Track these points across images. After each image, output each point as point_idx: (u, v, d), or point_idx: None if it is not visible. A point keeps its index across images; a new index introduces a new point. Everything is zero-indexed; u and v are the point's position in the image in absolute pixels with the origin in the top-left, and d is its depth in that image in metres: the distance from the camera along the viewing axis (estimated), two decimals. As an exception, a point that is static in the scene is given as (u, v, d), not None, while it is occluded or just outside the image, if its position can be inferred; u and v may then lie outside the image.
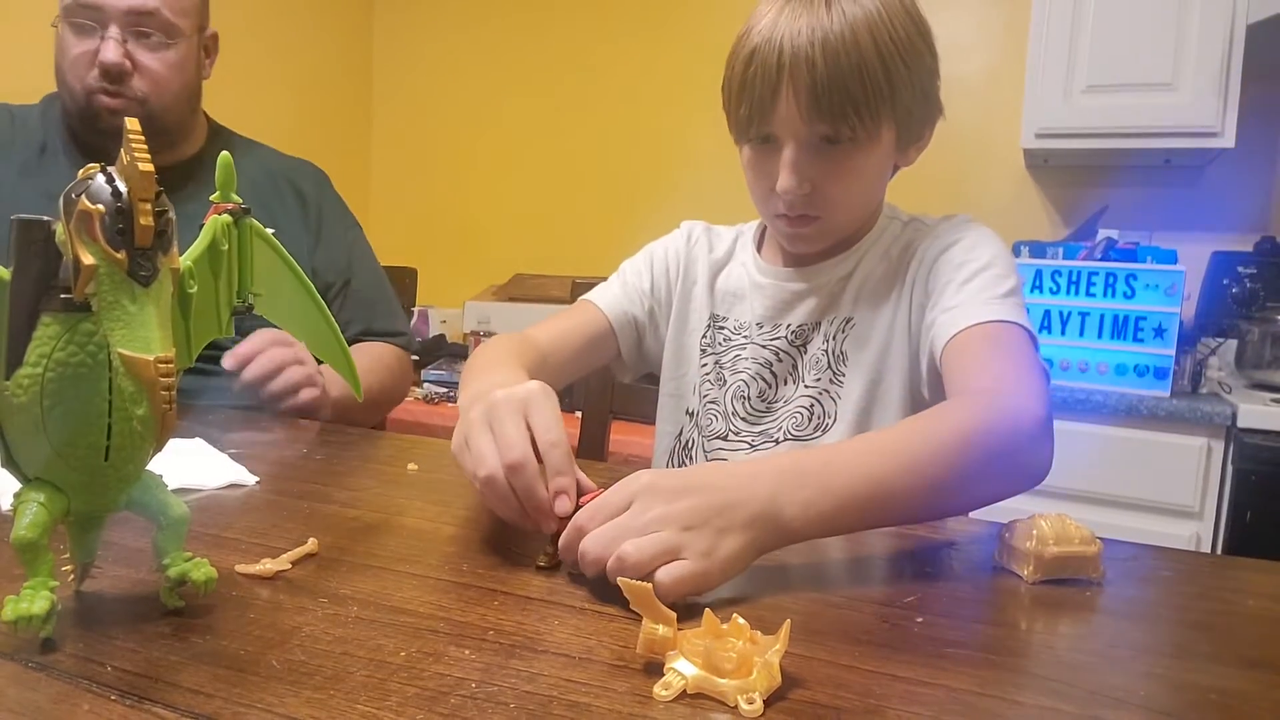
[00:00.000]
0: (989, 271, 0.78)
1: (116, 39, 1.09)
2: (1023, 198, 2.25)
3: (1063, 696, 0.39)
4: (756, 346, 0.89)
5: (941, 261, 0.81)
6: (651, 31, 2.62)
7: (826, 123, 0.74)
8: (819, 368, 0.85)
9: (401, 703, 0.35)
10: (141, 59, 1.11)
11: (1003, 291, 0.76)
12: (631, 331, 0.95)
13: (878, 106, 0.74)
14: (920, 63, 0.76)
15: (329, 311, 0.60)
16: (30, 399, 0.37)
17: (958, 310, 0.75)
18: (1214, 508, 1.64)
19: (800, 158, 0.76)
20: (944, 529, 0.66)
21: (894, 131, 0.78)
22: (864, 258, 0.86)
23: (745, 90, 0.76)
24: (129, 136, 0.37)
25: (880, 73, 0.73)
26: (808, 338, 0.87)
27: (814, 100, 0.73)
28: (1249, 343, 1.83)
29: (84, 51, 1.09)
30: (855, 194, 0.81)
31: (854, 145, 0.76)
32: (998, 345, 0.72)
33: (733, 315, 0.92)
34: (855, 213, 0.84)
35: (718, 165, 0.85)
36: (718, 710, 0.36)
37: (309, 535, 0.53)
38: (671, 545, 0.47)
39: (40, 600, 0.37)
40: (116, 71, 1.09)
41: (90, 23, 1.09)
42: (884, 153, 0.79)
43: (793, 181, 0.76)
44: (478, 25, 2.87)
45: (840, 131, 0.74)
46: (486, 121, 2.87)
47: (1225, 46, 1.79)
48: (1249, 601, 0.53)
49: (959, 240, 0.82)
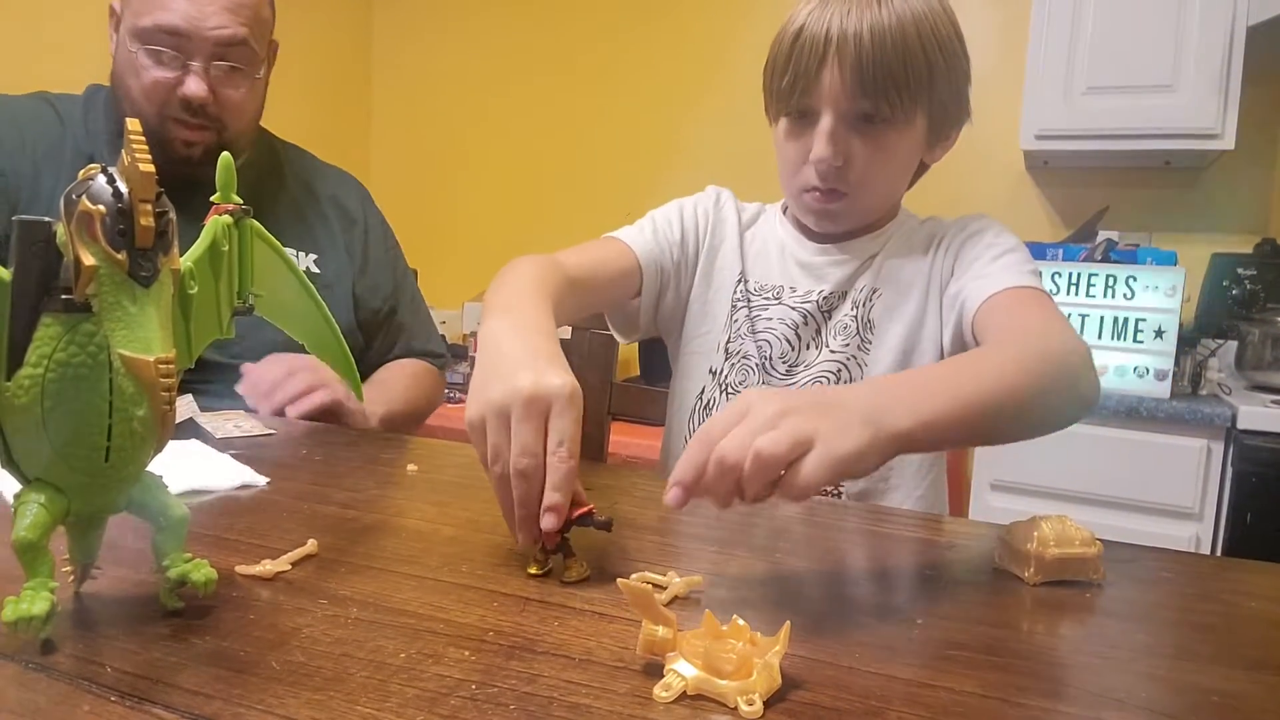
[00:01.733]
0: (1014, 254, 0.83)
1: (201, 72, 1.03)
2: (1022, 199, 2.26)
3: (1064, 698, 0.39)
4: (785, 308, 0.90)
5: (969, 243, 0.85)
6: (652, 33, 2.62)
7: (869, 98, 0.77)
8: (847, 333, 0.87)
9: (401, 704, 0.35)
10: (223, 89, 1.06)
11: (1029, 269, 0.81)
12: (656, 280, 0.93)
13: (916, 91, 0.78)
14: (957, 63, 0.81)
15: (329, 312, 0.60)
16: (31, 400, 0.37)
17: (989, 278, 0.79)
18: (1214, 509, 1.64)
19: (838, 129, 0.79)
20: (944, 529, 0.66)
21: (927, 122, 0.82)
22: (889, 241, 0.89)
23: (791, 62, 0.79)
24: (129, 137, 0.37)
25: (922, 60, 0.77)
26: (835, 304, 0.89)
27: (858, 75, 0.76)
28: (1249, 344, 1.83)
29: (163, 80, 1.03)
30: (884, 176, 0.83)
31: (889, 126, 0.79)
32: (1032, 303, 0.76)
33: (756, 276, 0.93)
34: (880, 197, 0.86)
35: (719, 166, 0.85)
36: (718, 712, 0.36)
37: (309, 536, 0.53)
38: (804, 434, 0.46)
39: (40, 601, 0.37)
40: (200, 105, 1.04)
41: (171, 51, 1.02)
42: (915, 140, 0.83)
43: (829, 151, 0.79)
44: (478, 26, 2.87)
45: (879, 109, 0.78)
46: (487, 122, 2.87)
47: (1225, 48, 1.80)
48: (1250, 603, 0.53)
49: (985, 229, 0.86)
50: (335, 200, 1.25)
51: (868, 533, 0.65)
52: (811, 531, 0.66)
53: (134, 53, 1.03)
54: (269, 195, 1.18)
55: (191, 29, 1.01)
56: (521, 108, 2.83)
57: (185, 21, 1.01)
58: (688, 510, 0.70)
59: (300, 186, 1.22)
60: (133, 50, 1.03)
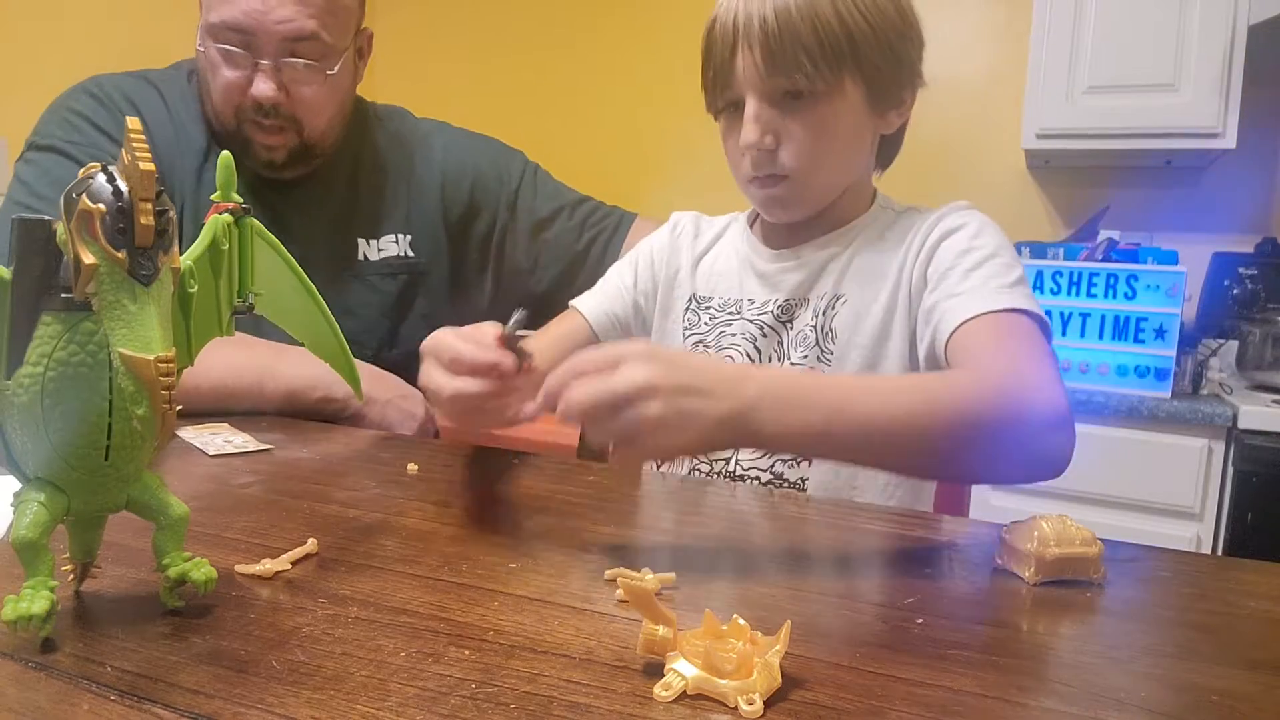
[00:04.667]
0: (995, 260, 0.76)
1: (270, 70, 0.98)
2: (1023, 198, 2.25)
3: (1064, 698, 0.39)
4: (745, 322, 0.87)
5: (944, 248, 0.79)
6: (652, 32, 2.62)
7: (783, 74, 0.75)
8: (806, 344, 0.83)
9: (401, 703, 0.35)
10: (297, 87, 1.01)
11: (1011, 280, 0.74)
12: (614, 331, 0.95)
13: (836, 58, 0.74)
14: (885, 20, 0.76)
15: (329, 312, 0.60)
16: (31, 398, 0.37)
17: (964, 297, 0.73)
18: (1215, 509, 1.64)
19: (761, 111, 0.76)
20: (944, 529, 0.66)
21: (861, 88, 0.77)
22: (856, 239, 0.85)
23: (710, 58, 0.79)
24: (130, 136, 0.37)
25: (836, 25, 0.74)
26: (794, 313, 0.85)
27: (768, 53, 0.74)
28: (1250, 344, 1.83)
29: (235, 79, 0.99)
30: (822, 152, 0.79)
31: (816, 100, 0.76)
32: (1009, 334, 0.70)
33: (718, 294, 0.91)
34: (829, 174, 0.81)
35: (721, 166, 0.85)
36: (718, 711, 0.36)
37: (309, 535, 0.53)
38: (645, 423, 0.51)
39: (40, 600, 0.37)
40: (271, 104, 1.00)
41: (240, 50, 0.98)
42: (852, 110, 0.78)
43: (754, 134, 0.76)
44: (479, 26, 2.87)
45: (797, 82, 0.75)
46: (486, 122, 2.87)
47: (1226, 48, 1.79)
48: (1250, 603, 0.53)
49: (962, 226, 0.80)
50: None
51: (868, 532, 0.65)
52: (811, 530, 0.66)
53: (204, 51, 1.00)
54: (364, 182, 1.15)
55: (255, 25, 0.96)
56: (523, 108, 2.83)
57: (248, 17, 0.96)
58: (688, 510, 0.70)
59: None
60: (203, 49, 1.00)
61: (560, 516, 0.64)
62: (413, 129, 1.23)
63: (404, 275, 1.16)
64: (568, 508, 0.67)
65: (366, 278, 1.14)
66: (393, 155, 1.18)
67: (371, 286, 1.15)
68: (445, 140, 1.23)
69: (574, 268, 1.23)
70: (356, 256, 1.14)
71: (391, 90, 3.02)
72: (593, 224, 1.25)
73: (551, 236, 1.23)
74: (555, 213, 1.24)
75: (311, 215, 1.11)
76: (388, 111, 1.23)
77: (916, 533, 0.64)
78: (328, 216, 1.12)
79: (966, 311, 0.71)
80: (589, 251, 1.24)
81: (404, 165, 1.18)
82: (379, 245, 1.15)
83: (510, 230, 1.22)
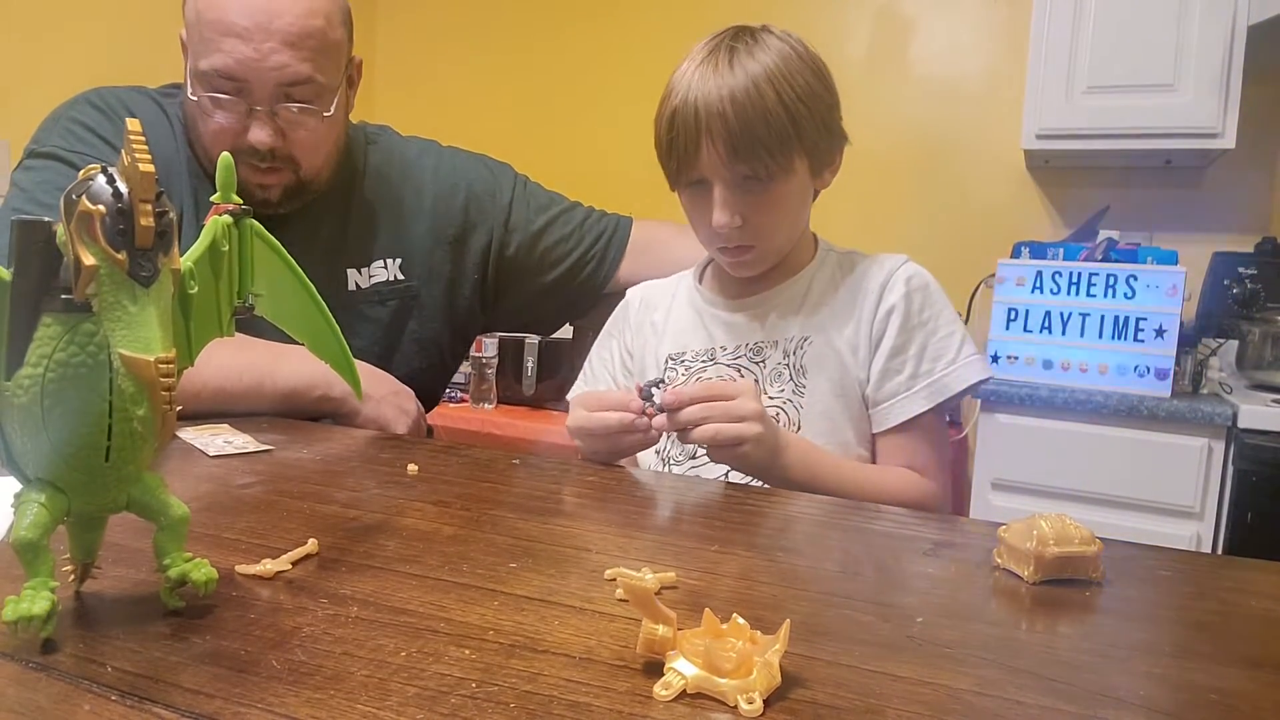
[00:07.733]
0: (934, 338, 0.90)
1: (265, 116, 0.97)
2: (1023, 198, 2.25)
3: (1063, 696, 0.39)
4: (721, 366, 0.95)
5: (890, 324, 0.90)
6: (652, 33, 2.62)
7: (745, 163, 0.84)
8: (781, 380, 0.92)
9: (401, 703, 0.35)
10: (294, 130, 0.99)
11: (949, 358, 0.89)
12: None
13: (785, 145, 0.84)
14: (819, 102, 0.86)
15: (329, 312, 0.60)
16: (31, 399, 0.37)
17: (906, 399, 0.89)
18: (1214, 508, 1.64)
19: (728, 196, 0.86)
20: (944, 529, 0.66)
21: (806, 162, 0.88)
22: (811, 283, 0.95)
23: (672, 147, 0.88)
24: (129, 137, 0.37)
25: (784, 116, 0.83)
26: (764, 354, 0.94)
27: (730, 147, 0.83)
28: (1250, 343, 1.83)
29: (227, 126, 0.97)
30: (781, 221, 0.90)
31: (771, 180, 0.86)
32: (924, 441, 0.91)
33: (690, 347, 0.98)
34: (784, 237, 0.93)
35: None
36: (718, 710, 0.36)
37: (309, 535, 0.54)
38: (745, 440, 0.76)
39: (40, 601, 0.37)
40: (267, 150, 0.98)
41: (233, 97, 0.96)
42: (800, 182, 0.89)
43: (725, 216, 0.87)
44: (479, 28, 2.87)
45: (757, 169, 0.84)
46: (488, 123, 2.87)
47: (1226, 47, 1.80)
48: (1250, 601, 0.53)
49: (902, 299, 0.91)
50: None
51: (867, 531, 0.65)
52: (811, 529, 0.66)
53: (196, 100, 0.98)
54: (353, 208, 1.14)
55: (249, 72, 0.94)
56: (523, 108, 2.83)
57: (241, 66, 0.93)
58: (688, 510, 0.71)
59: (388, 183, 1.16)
60: (194, 98, 0.98)
61: (560, 516, 0.65)
62: (402, 151, 1.21)
63: (394, 301, 1.16)
64: (568, 508, 0.67)
65: (357, 307, 1.14)
66: (382, 181, 1.17)
67: (362, 315, 1.14)
68: (434, 161, 1.22)
69: (575, 270, 1.24)
70: (347, 287, 1.13)
71: (392, 94, 3.03)
72: (590, 226, 1.26)
73: (550, 244, 1.24)
74: (551, 221, 1.25)
75: (300, 249, 1.09)
76: (376, 134, 1.22)
77: (916, 532, 0.65)
78: (318, 250, 1.10)
79: (898, 417, 0.90)
80: (590, 253, 1.25)
81: (393, 190, 1.17)
82: (369, 272, 1.14)
83: (507, 243, 1.23)
